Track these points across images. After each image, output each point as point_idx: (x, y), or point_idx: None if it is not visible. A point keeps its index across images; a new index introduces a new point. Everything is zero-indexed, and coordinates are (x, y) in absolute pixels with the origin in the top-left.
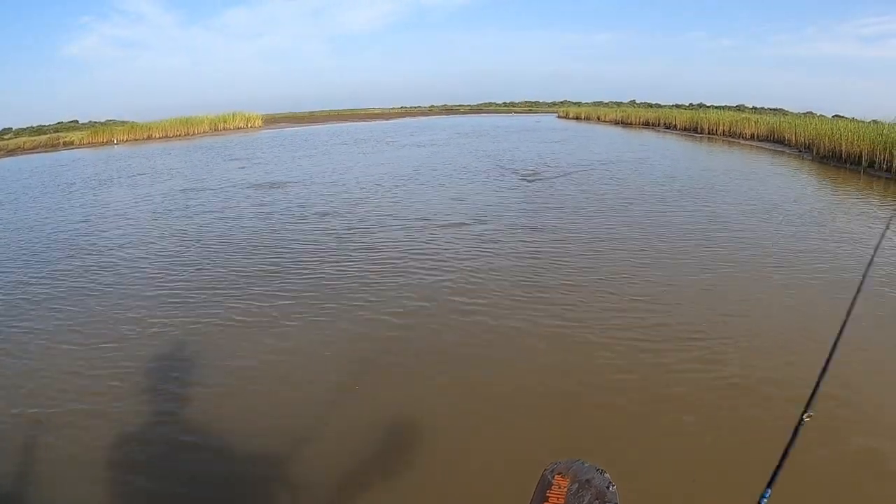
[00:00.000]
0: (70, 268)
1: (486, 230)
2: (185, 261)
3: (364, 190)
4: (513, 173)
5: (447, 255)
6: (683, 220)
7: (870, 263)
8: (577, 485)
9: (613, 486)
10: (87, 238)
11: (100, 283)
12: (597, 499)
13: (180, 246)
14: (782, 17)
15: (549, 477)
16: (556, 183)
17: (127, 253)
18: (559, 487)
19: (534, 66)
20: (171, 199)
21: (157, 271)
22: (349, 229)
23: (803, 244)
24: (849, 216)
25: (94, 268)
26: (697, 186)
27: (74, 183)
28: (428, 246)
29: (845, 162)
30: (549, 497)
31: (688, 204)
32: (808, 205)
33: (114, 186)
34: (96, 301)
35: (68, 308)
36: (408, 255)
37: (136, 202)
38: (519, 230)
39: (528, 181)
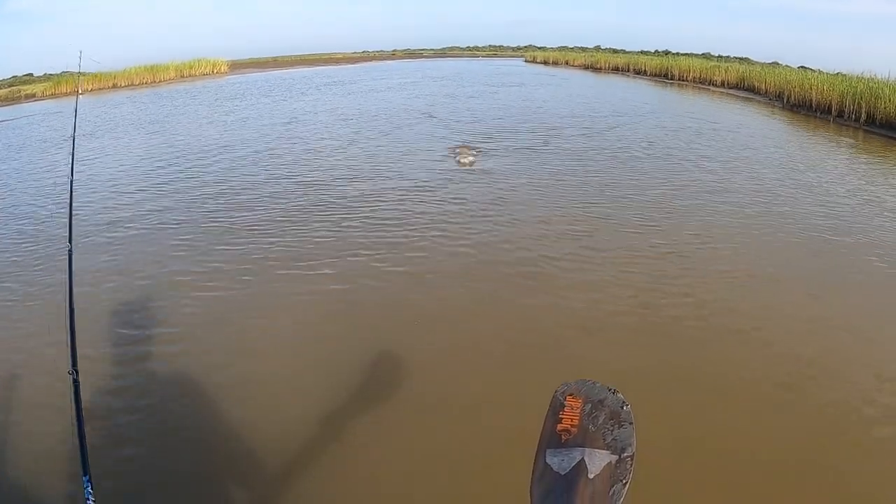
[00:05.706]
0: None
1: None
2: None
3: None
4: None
5: None
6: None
7: None
8: (590, 405)
9: (628, 405)
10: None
11: None
12: (611, 418)
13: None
14: None
15: (560, 398)
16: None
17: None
18: (572, 408)
19: (498, 12)
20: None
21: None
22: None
23: None
24: None
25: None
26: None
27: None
28: None
29: (815, 111)
30: (562, 418)
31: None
32: None
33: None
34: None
35: None
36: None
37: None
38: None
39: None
